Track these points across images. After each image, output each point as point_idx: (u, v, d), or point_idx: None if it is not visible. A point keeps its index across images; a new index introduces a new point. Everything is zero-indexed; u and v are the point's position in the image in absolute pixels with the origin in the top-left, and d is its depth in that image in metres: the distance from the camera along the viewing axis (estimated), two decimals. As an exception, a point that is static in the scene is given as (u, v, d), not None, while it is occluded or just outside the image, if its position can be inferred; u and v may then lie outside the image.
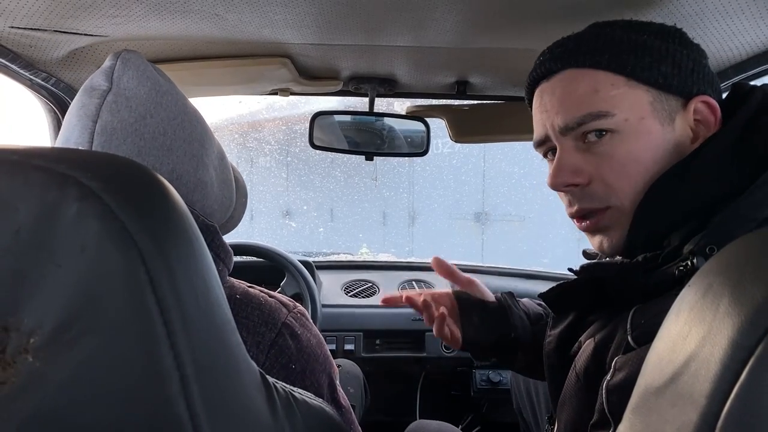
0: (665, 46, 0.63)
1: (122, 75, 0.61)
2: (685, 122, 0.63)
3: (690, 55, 0.64)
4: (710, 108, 0.63)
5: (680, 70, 0.62)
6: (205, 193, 0.66)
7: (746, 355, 0.31)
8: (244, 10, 0.80)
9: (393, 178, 10.19)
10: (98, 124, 0.59)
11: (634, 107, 0.62)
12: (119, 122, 0.59)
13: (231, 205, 0.73)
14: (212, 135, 0.71)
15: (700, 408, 0.33)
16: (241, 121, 10.25)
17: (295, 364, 0.65)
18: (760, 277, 0.33)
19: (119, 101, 0.60)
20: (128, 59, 0.62)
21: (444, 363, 1.87)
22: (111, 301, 0.35)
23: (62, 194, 0.36)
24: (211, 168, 0.67)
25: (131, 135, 0.60)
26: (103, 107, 0.59)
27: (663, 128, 0.63)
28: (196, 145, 0.65)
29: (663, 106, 0.63)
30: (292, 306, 0.71)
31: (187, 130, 0.64)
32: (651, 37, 0.63)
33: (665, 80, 0.62)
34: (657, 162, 0.62)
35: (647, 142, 0.62)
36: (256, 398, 0.44)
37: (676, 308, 0.39)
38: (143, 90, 0.62)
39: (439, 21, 0.85)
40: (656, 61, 0.62)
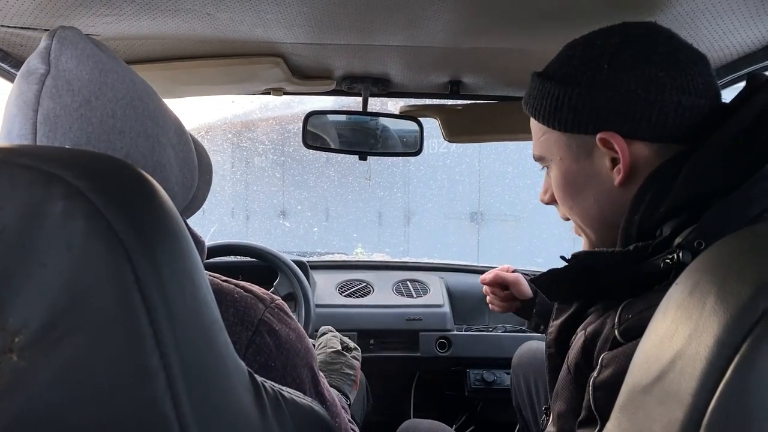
0: (564, 92, 0.68)
1: (60, 55, 0.56)
2: (601, 154, 0.68)
3: (593, 93, 0.66)
4: (612, 141, 0.66)
5: (576, 113, 0.68)
6: (164, 175, 0.62)
7: (732, 353, 0.31)
8: (236, 9, 0.80)
9: (388, 177, 10.20)
10: (39, 112, 0.54)
11: (553, 150, 0.73)
12: (62, 108, 0.55)
13: (193, 185, 0.69)
14: (168, 110, 0.66)
15: (686, 406, 0.33)
16: (235, 121, 10.24)
17: (275, 361, 0.63)
18: (746, 276, 0.33)
19: (60, 85, 0.55)
20: (65, 37, 0.57)
21: (438, 363, 1.87)
22: (97, 301, 0.35)
23: (48, 193, 0.35)
24: (168, 147, 0.63)
25: (77, 121, 0.55)
26: (42, 93, 0.54)
27: (578, 164, 0.71)
28: (150, 124, 0.60)
29: (576, 144, 0.70)
30: (269, 300, 0.67)
31: (138, 109, 0.59)
32: (555, 84, 0.70)
33: (563, 125, 0.69)
34: (579, 192, 0.72)
35: (567, 177, 0.72)
36: (245, 398, 0.44)
37: (664, 306, 0.40)
38: (85, 70, 0.56)
39: (431, 20, 0.85)
40: (554, 109, 0.70)
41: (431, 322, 1.86)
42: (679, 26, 0.79)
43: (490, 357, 1.85)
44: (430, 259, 2.32)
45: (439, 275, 2.10)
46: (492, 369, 1.87)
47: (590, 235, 0.74)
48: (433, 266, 2.19)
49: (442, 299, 1.94)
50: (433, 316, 1.87)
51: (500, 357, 1.84)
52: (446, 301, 1.93)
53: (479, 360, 1.87)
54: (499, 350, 1.84)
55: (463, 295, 2.00)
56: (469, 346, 1.85)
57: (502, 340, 1.85)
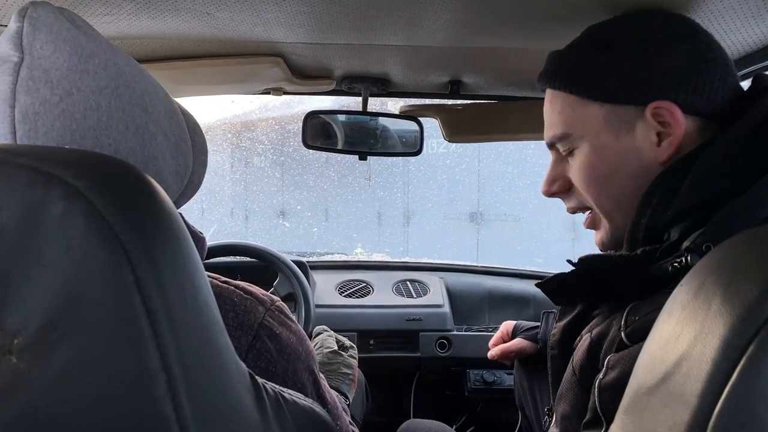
0: (612, 59, 0.65)
1: (33, 40, 0.50)
2: (647, 127, 0.65)
3: (646, 60, 0.64)
4: (669, 111, 0.63)
5: (627, 82, 0.64)
6: (157, 168, 0.58)
7: (738, 354, 0.31)
8: (236, 8, 0.79)
9: (387, 178, 10.20)
10: (17, 109, 0.50)
11: (587, 124, 0.67)
12: (41, 104, 0.50)
13: (187, 172, 0.66)
14: (157, 90, 0.61)
15: (691, 408, 0.33)
16: (234, 121, 10.24)
17: (276, 366, 0.62)
18: (752, 277, 0.33)
19: (36, 76, 0.50)
20: (37, 18, 0.51)
21: (438, 363, 1.87)
22: (96, 302, 0.35)
23: (47, 193, 0.35)
24: (159, 135, 0.59)
25: (59, 117, 0.50)
26: (18, 86, 0.49)
27: (618, 139, 0.66)
28: (139, 112, 0.56)
29: (617, 117, 0.66)
30: (269, 303, 0.65)
31: (124, 97, 0.55)
32: (597, 52, 0.66)
33: (613, 94, 0.65)
34: (615, 171, 0.67)
35: (603, 154, 0.67)
36: (245, 399, 0.44)
37: (669, 307, 0.39)
38: (62, 57, 0.51)
39: (431, 20, 0.84)
40: (600, 77, 0.66)
41: (431, 322, 1.86)
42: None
43: None
44: (430, 259, 2.32)
45: (439, 275, 2.10)
46: (492, 369, 1.87)
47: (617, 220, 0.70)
48: (432, 266, 2.19)
49: (442, 299, 1.94)
50: (433, 316, 1.87)
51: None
52: (446, 302, 1.93)
53: (479, 360, 1.87)
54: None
55: (463, 295, 2.00)
56: (469, 346, 1.84)
57: (502, 340, 1.84)
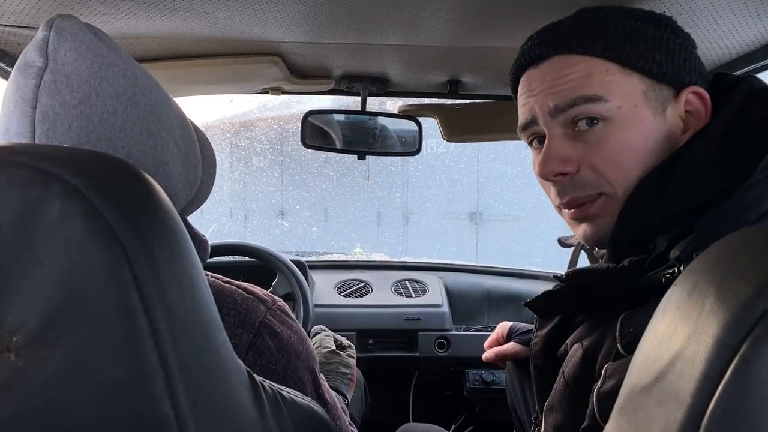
0: (659, 33, 0.62)
1: (58, 48, 0.54)
2: (676, 113, 0.63)
3: (683, 44, 0.63)
4: (701, 99, 0.62)
5: (674, 59, 0.61)
6: (167, 173, 0.61)
7: (731, 353, 0.31)
8: (234, 7, 0.79)
9: (386, 177, 10.21)
10: (38, 109, 0.53)
11: (627, 95, 0.61)
12: (61, 105, 0.53)
13: (197, 181, 0.68)
14: (170, 102, 0.64)
15: (685, 407, 0.33)
16: (233, 120, 10.24)
17: (276, 364, 0.62)
18: (745, 276, 0.33)
19: (58, 80, 0.53)
20: (63, 28, 0.54)
21: (437, 362, 1.87)
22: (95, 300, 0.35)
23: (45, 192, 0.35)
24: (171, 143, 0.62)
25: (77, 119, 0.54)
26: (40, 89, 0.53)
27: (655, 118, 0.62)
28: (152, 120, 0.59)
29: (656, 95, 0.62)
30: (271, 302, 0.66)
31: (139, 105, 0.58)
32: (645, 24, 0.62)
33: (659, 69, 0.61)
34: (649, 151, 0.61)
35: (640, 130, 0.61)
36: (243, 397, 0.44)
37: (662, 307, 0.39)
38: (84, 64, 0.54)
39: (430, 20, 0.84)
40: (651, 48, 0.61)
41: (430, 321, 1.86)
42: (682, 26, 0.79)
43: None
44: (429, 258, 2.32)
45: (438, 275, 2.10)
46: (491, 369, 1.87)
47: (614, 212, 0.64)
48: (431, 266, 2.19)
49: (441, 299, 1.94)
50: (431, 315, 1.87)
51: (499, 357, 1.84)
52: (445, 301, 1.93)
53: (478, 360, 1.86)
54: (498, 350, 1.83)
55: (461, 294, 2.00)
56: (467, 345, 1.85)
57: (500, 339, 1.85)
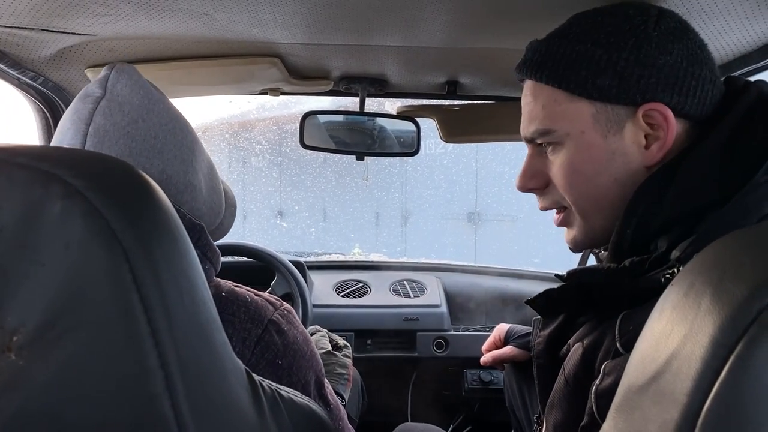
0: (607, 56, 0.62)
1: (116, 83, 0.64)
2: (636, 129, 0.63)
3: (641, 58, 0.62)
4: (661, 114, 0.62)
5: (622, 80, 0.62)
6: (194, 195, 0.68)
7: (726, 353, 0.32)
8: (233, 9, 0.80)
9: (385, 178, 10.21)
10: (91, 126, 0.61)
11: (574, 122, 0.65)
12: (111, 125, 0.62)
13: (221, 212, 0.75)
14: (202, 147, 0.73)
15: (681, 406, 0.33)
16: (232, 121, 10.23)
17: (282, 359, 0.66)
18: (741, 276, 0.33)
19: (112, 106, 0.62)
20: (122, 70, 0.65)
21: (435, 363, 1.88)
22: (95, 300, 0.35)
23: (46, 192, 0.35)
24: (200, 173, 0.70)
25: (123, 137, 0.62)
26: (96, 111, 0.62)
27: (606, 140, 0.64)
28: (186, 150, 0.68)
29: (608, 116, 0.63)
30: (279, 304, 0.72)
31: (178, 137, 0.67)
32: (594, 47, 0.63)
33: (604, 93, 0.63)
34: (599, 172, 0.65)
35: (587, 155, 0.65)
36: (242, 396, 0.44)
37: (660, 307, 0.40)
38: (136, 97, 0.64)
39: (428, 21, 0.85)
40: (593, 73, 0.63)
41: (428, 322, 1.86)
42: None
43: None
44: (428, 259, 2.33)
45: (436, 275, 2.10)
46: (489, 369, 1.87)
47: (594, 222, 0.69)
48: (430, 266, 2.19)
49: (439, 299, 1.94)
50: (430, 316, 1.87)
51: (497, 357, 1.84)
52: (443, 301, 1.94)
53: (476, 360, 1.87)
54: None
55: (460, 295, 2.01)
56: (466, 346, 1.85)
57: (499, 340, 1.85)
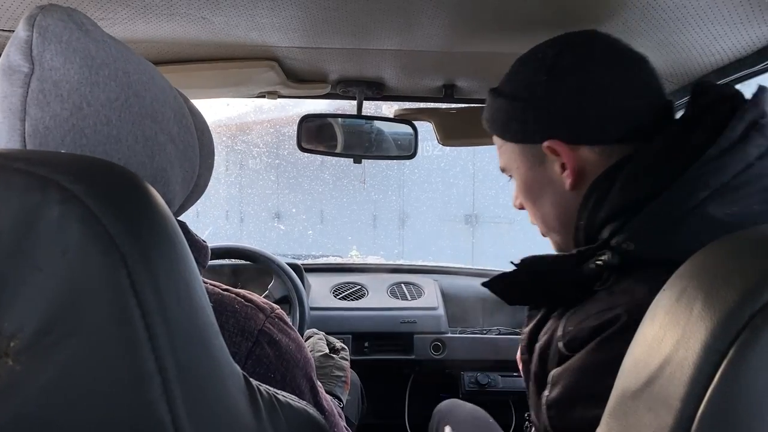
0: (511, 106, 0.73)
1: (44, 51, 0.50)
2: (551, 161, 0.71)
3: (536, 105, 0.70)
4: (553, 149, 0.69)
5: (525, 124, 0.71)
6: (165, 179, 0.59)
7: (719, 358, 0.32)
8: (231, 13, 0.80)
9: (382, 180, 10.21)
10: (27, 122, 0.50)
11: (510, 159, 0.77)
12: (51, 118, 0.50)
13: (194, 176, 0.66)
14: (166, 96, 0.61)
15: (675, 411, 0.34)
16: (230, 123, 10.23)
17: (275, 373, 0.63)
18: (732, 282, 0.34)
19: (46, 89, 0.50)
20: (47, 27, 0.51)
21: (432, 365, 1.88)
22: (92, 305, 0.35)
23: (44, 198, 0.36)
24: (168, 144, 0.59)
25: (69, 132, 0.51)
26: (28, 99, 0.50)
27: (534, 171, 0.74)
28: (148, 123, 0.56)
29: (527, 152, 0.73)
30: (269, 310, 0.67)
31: (134, 109, 0.55)
32: (506, 100, 0.74)
33: (516, 136, 0.74)
34: (539, 196, 0.75)
35: (526, 185, 0.76)
36: (240, 401, 0.44)
37: (652, 312, 0.40)
38: (73, 69, 0.51)
39: (425, 25, 0.85)
40: (506, 122, 0.74)
41: (426, 324, 1.87)
42: (669, 32, 0.80)
43: (484, 359, 1.86)
44: (425, 261, 2.33)
45: (434, 278, 2.11)
46: (486, 371, 1.88)
47: (555, 238, 0.78)
48: (427, 269, 2.20)
49: (437, 302, 1.94)
50: (427, 318, 1.88)
51: (494, 359, 1.85)
52: (440, 304, 1.94)
53: (473, 362, 1.88)
54: (494, 353, 1.84)
55: (457, 297, 2.01)
56: (463, 348, 1.85)
57: (496, 342, 1.86)
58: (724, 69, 0.89)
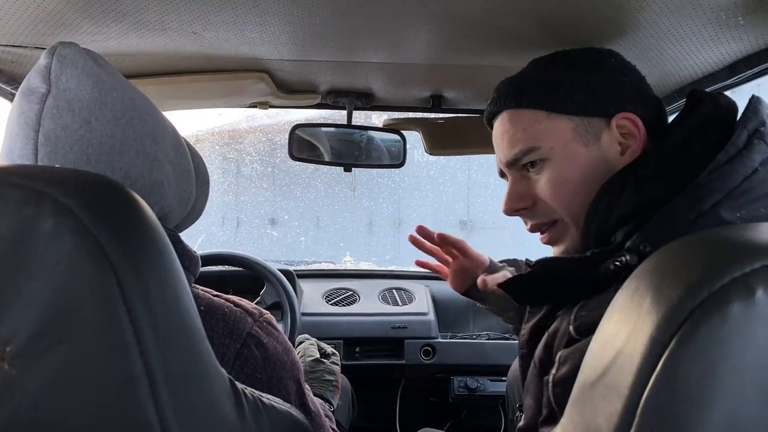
0: (578, 77, 0.72)
1: (60, 75, 0.57)
2: (611, 138, 0.71)
3: (607, 78, 0.72)
4: (632, 122, 0.71)
5: (595, 95, 0.71)
6: (162, 192, 0.64)
7: (661, 349, 0.35)
8: (221, 28, 0.82)
9: (377, 186, 10.22)
10: (40, 133, 0.56)
11: (556, 136, 0.72)
12: (62, 129, 0.56)
13: (191, 199, 0.71)
14: (166, 124, 0.67)
15: (624, 398, 0.37)
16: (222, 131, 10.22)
17: (261, 373, 0.65)
18: (678, 280, 0.37)
19: (60, 105, 0.57)
20: (65, 56, 0.58)
21: (423, 370, 1.90)
22: (83, 312, 0.37)
23: (38, 211, 0.38)
24: (166, 164, 0.65)
25: (77, 142, 0.57)
26: (43, 114, 0.56)
27: (587, 149, 0.71)
28: (149, 142, 0.62)
29: (586, 128, 0.72)
30: (258, 315, 0.70)
31: (137, 128, 0.61)
32: (565, 71, 0.73)
33: (580, 107, 0.71)
34: (586, 178, 0.71)
35: (573, 164, 0.72)
36: (225, 404, 0.46)
37: (610, 309, 0.43)
38: (85, 90, 0.58)
39: (410, 40, 0.88)
40: (569, 92, 0.72)
41: (416, 329, 1.88)
42: (646, 47, 0.83)
43: (473, 364, 1.88)
44: (416, 267, 2.35)
45: (425, 284, 2.13)
46: (475, 376, 1.90)
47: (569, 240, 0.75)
48: (418, 275, 2.21)
49: (427, 307, 1.96)
50: (418, 323, 1.89)
51: (484, 364, 1.87)
52: (431, 309, 1.96)
53: (463, 367, 1.90)
54: (483, 357, 1.86)
55: (448, 303, 2.03)
56: (453, 353, 1.87)
57: (485, 347, 1.87)
58: (699, 82, 0.92)
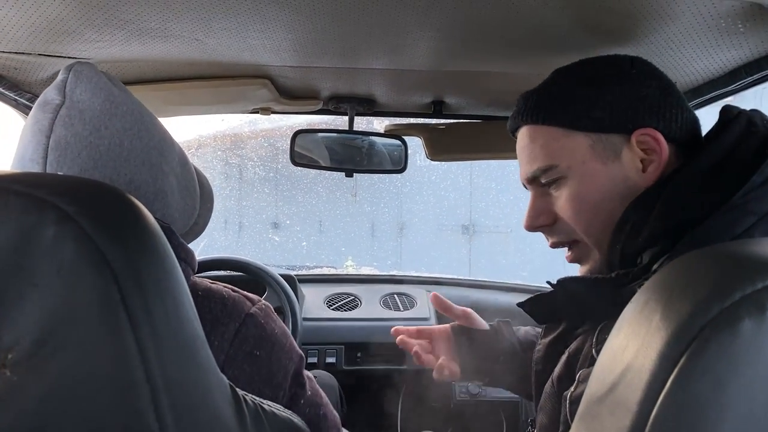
0: (595, 92, 0.69)
1: (75, 88, 0.61)
2: (632, 154, 0.68)
3: (626, 91, 0.68)
4: (653, 138, 0.67)
5: (612, 111, 0.68)
6: (165, 202, 0.66)
7: (672, 365, 0.35)
8: (223, 35, 0.83)
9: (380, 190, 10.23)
10: (51, 138, 0.59)
11: (574, 154, 0.69)
12: (73, 136, 0.59)
13: (194, 213, 0.73)
14: (172, 141, 0.70)
15: (632, 414, 0.36)
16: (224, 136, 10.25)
17: (260, 350, 0.66)
18: (687, 295, 0.37)
19: (72, 114, 0.60)
20: (80, 71, 0.62)
21: (424, 375, 1.89)
22: (85, 319, 0.37)
23: (41, 218, 0.38)
24: (171, 176, 0.67)
25: (86, 148, 0.59)
26: (56, 122, 0.59)
27: (606, 166, 0.69)
28: (155, 154, 0.65)
29: (604, 145, 0.69)
30: (256, 300, 0.71)
31: (144, 140, 0.64)
32: (583, 86, 0.70)
33: (597, 124, 0.68)
34: (605, 198, 0.68)
35: (591, 183, 0.69)
36: (225, 410, 0.46)
37: (619, 324, 0.43)
38: (97, 102, 0.61)
39: (412, 46, 0.88)
40: (586, 109, 0.69)
41: None
42: (649, 54, 0.83)
43: None
44: (417, 272, 2.35)
45: (426, 289, 2.12)
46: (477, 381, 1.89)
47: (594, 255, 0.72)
48: (420, 280, 2.21)
49: (429, 312, 1.96)
50: (419, 329, 1.89)
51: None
52: (433, 315, 1.96)
53: None
54: (485, 363, 1.85)
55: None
56: (455, 359, 1.86)
57: (487, 353, 1.86)
58: (699, 89, 0.92)
